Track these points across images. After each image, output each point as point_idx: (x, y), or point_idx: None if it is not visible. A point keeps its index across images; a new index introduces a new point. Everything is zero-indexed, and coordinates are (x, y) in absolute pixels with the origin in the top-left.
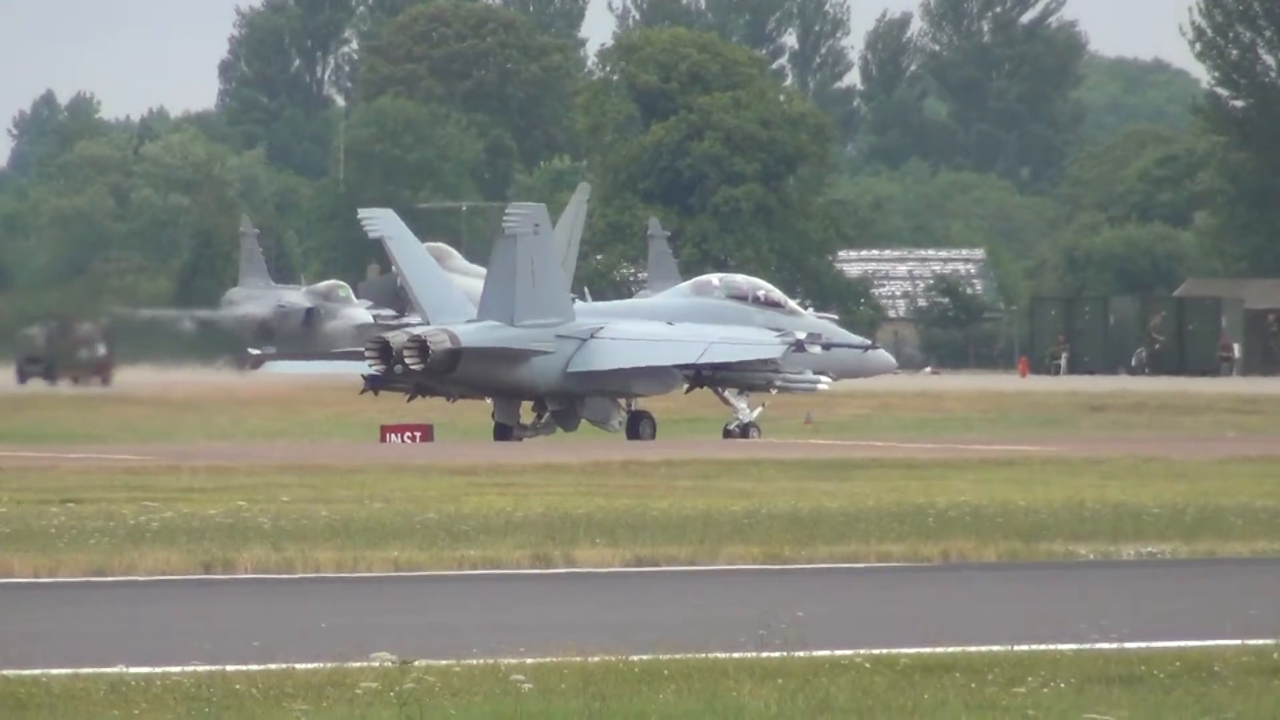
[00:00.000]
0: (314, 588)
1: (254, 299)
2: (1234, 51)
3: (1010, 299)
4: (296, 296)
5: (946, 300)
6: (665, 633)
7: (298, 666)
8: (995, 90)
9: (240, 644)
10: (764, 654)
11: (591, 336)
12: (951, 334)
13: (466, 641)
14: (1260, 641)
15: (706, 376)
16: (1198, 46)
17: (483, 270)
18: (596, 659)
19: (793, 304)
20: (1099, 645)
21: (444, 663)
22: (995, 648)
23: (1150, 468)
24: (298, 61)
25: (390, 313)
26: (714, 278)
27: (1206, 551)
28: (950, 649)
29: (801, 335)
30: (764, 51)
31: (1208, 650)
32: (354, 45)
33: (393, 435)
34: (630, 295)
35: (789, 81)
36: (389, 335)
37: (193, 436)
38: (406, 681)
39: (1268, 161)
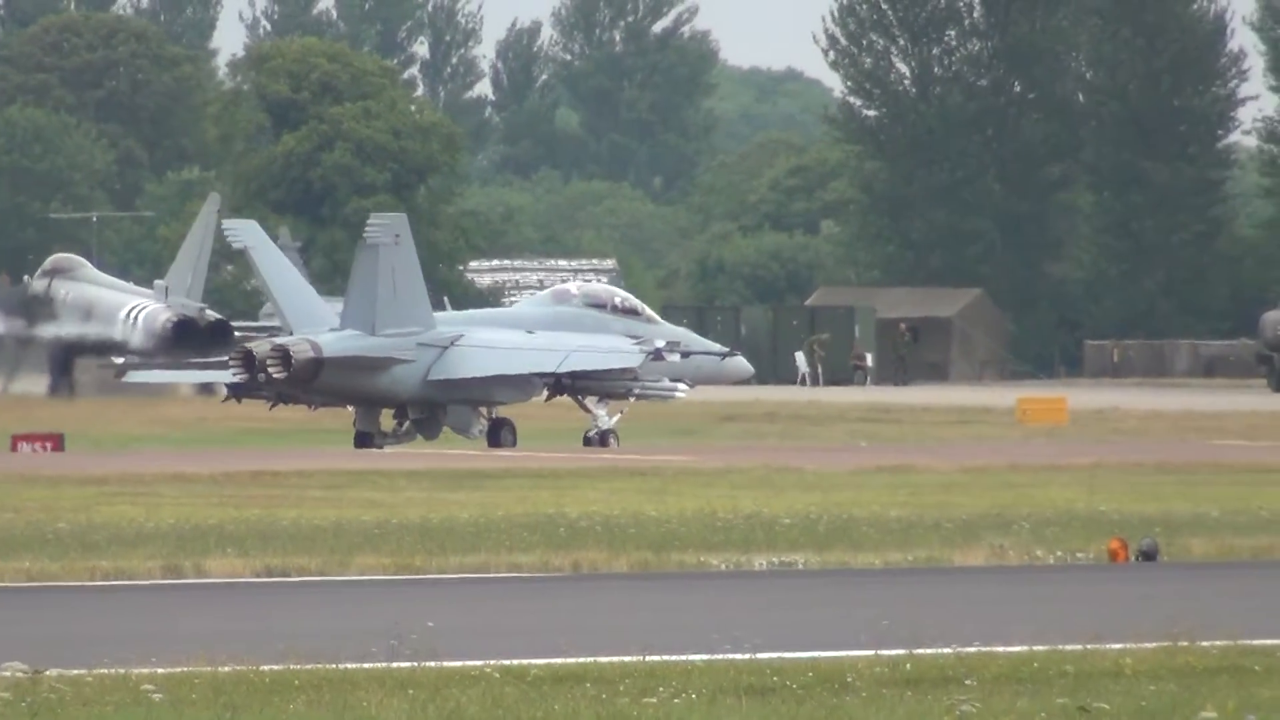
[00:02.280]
0: None
1: None
2: (867, 60)
3: None
4: None
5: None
6: (296, 643)
7: None
8: (627, 100)
9: None
10: (394, 664)
11: (452, 345)
12: None
13: (98, 651)
14: (893, 652)
15: (566, 385)
16: (831, 56)
17: (115, 280)
18: (227, 669)
19: (649, 311)
20: (731, 656)
21: (75, 672)
22: (627, 658)
23: (782, 478)
24: None
25: (21, 322)
26: (572, 286)
27: (839, 562)
28: (581, 659)
29: (661, 343)
30: (395, 61)
31: (840, 661)
32: None
33: (23, 445)
34: (260, 306)
35: (420, 91)
36: (252, 345)
37: None
38: (38, 691)
39: (899, 171)
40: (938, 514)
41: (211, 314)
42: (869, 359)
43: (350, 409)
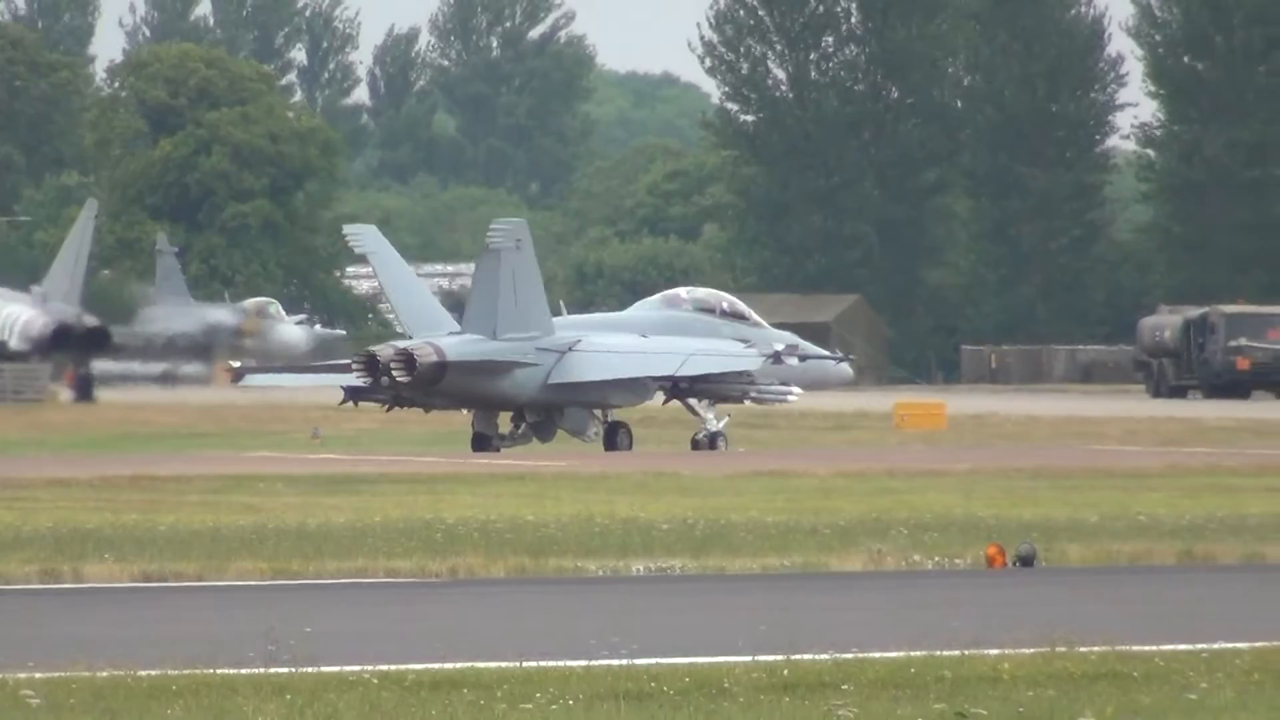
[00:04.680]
0: None
1: None
2: (744, 66)
3: None
4: None
5: (455, 315)
6: (173, 648)
7: None
8: (504, 105)
9: None
10: (272, 670)
11: (570, 349)
12: None
13: None
14: (770, 658)
15: (683, 388)
16: (708, 61)
17: None
18: (105, 674)
19: (755, 316)
20: (608, 661)
21: None
22: (504, 664)
23: (660, 483)
24: None
25: None
26: (682, 291)
27: (716, 567)
28: (459, 665)
29: (780, 346)
30: (272, 67)
31: (717, 666)
32: None
33: None
34: (135, 311)
35: (298, 97)
36: (376, 349)
37: None
38: None
39: (777, 176)
40: (815, 519)
41: (89, 319)
42: None
43: (467, 412)
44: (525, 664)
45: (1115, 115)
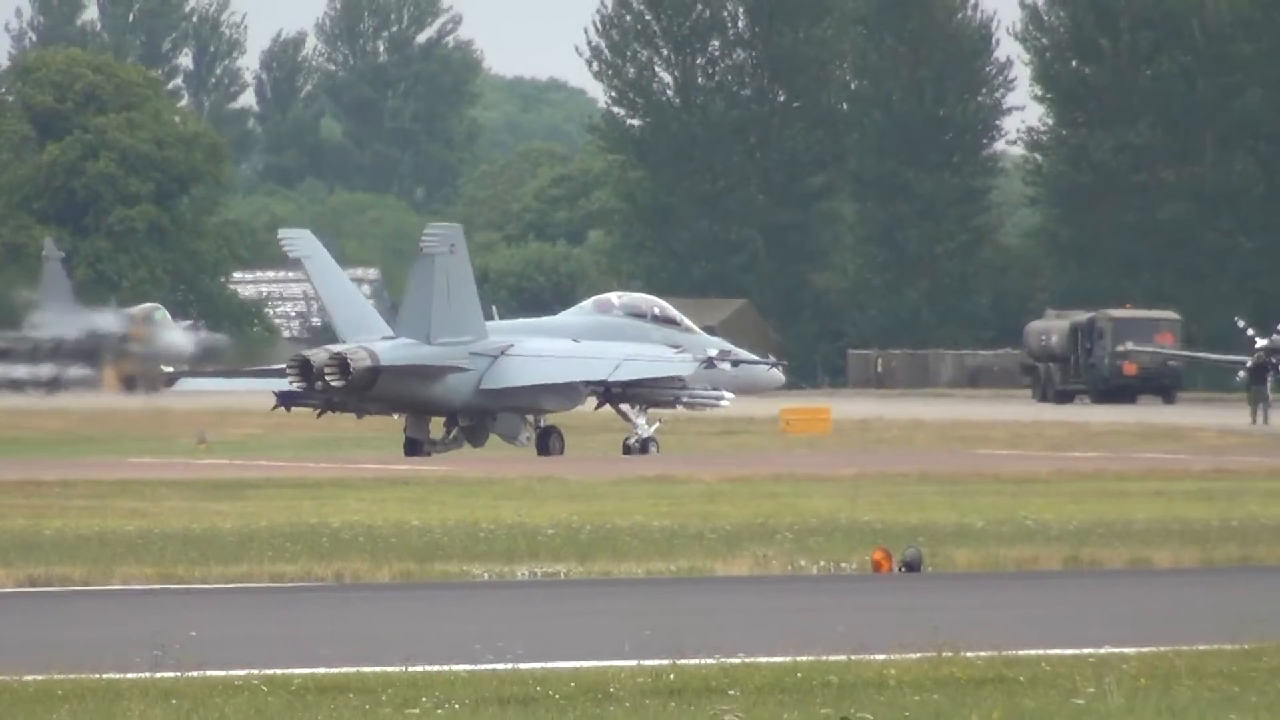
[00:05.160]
0: None
1: None
2: (630, 70)
3: None
4: None
5: None
6: (59, 653)
7: None
8: (391, 109)
9: None
10: (158, 674)
11: (502, 354)
12: None
13: None
14: (655, 662)
15: (616, 393)
16: (595, 66)
17: None
18: None
19: (687, 321)
20: (494, 666)
21: None
22: (389, 668)
23: (545, 488)
24: None
25: None
26: (613, 296)
27: (601, 571)
28: (344, 669)
29: (714, 352)
30: (159, 72)
31: (603, 671)
32: None
33: None
34: (24, 316)
35: (184, 102)
36: (309, 353)
37: None
38: None
39: (663, 180)
40: (701, 524)
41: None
42: None
43: (399, 417)
44: (411, 669)
45: (1003, 119)
